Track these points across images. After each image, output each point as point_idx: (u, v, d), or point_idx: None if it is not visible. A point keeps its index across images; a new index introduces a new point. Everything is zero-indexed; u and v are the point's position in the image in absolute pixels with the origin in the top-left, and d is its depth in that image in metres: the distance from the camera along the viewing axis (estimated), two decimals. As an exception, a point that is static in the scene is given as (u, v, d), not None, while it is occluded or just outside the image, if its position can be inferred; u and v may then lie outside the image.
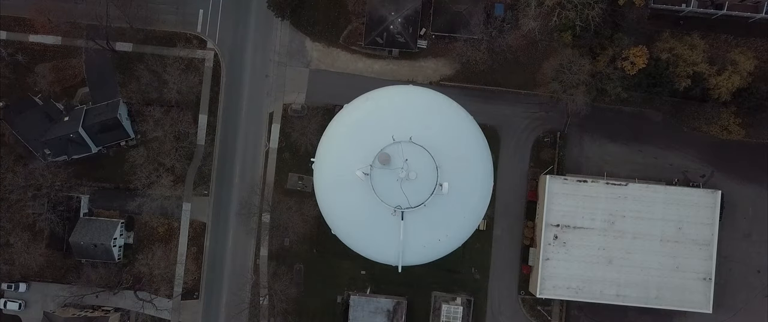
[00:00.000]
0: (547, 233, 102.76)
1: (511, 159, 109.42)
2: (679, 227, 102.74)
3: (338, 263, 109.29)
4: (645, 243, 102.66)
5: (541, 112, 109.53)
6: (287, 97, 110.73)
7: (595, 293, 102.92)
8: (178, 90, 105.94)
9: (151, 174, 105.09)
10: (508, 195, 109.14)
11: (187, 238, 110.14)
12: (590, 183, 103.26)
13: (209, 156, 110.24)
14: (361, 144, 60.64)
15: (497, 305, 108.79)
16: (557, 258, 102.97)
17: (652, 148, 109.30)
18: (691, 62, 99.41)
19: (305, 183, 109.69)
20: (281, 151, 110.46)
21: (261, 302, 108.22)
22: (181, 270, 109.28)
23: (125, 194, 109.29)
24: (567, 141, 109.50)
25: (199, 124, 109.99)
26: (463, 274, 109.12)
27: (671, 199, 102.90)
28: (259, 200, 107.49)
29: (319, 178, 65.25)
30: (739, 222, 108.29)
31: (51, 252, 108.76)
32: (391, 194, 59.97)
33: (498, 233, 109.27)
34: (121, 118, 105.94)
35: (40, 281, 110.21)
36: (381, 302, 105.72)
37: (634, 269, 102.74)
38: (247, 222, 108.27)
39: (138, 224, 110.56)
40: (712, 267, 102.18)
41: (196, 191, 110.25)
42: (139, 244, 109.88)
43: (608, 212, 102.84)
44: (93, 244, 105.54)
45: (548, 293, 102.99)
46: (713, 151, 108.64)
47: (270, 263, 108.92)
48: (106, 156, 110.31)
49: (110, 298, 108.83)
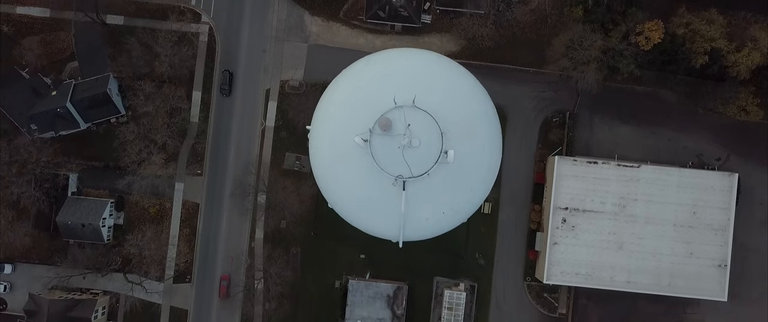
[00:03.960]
0: (554, 217, 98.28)
1: (518, 140, 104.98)
2: (693, 212, 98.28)
3: (336, 247, 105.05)
4: (657, 228, 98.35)
5: (549, 92, 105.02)
6: (285, 73, 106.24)
7: (604, 279, 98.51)
8: (171, 64, 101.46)
9: (141, 151, 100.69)
10: (515, 177, 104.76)
11: (179, 219, 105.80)
12: (601, 165, 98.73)
13: (203, 134, 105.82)
14: (361, 109, 56.26)
15: (502, 291, 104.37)
16: (565, 243, 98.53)
17: (665, 131, 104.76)
18: (709, 38, 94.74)
19: (303, 163, 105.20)
20: (278, 129, 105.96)
21: (256, 286, 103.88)
22: (173, 252, 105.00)
23: (115, 173, 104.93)
24: (576, 122, 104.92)
25: (193, 101, 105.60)
26: (466, 259, 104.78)
27: (685, 182, 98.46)
28: (254, 180, 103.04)
29: (315, 146, 60.79)
30: (756, 208, 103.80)
31: (37, 232, 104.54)
32: (392, 163, 55.62)
33: (503, 217, 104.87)
34: (111, 93, 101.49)
35: (27, 263, 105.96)
36: (381, 287, 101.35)
37: (646, 255, 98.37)
38: (242, 203, 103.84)
39: (128, 204, 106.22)
40: (728, 253, 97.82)
41: (189, 170, 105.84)
42: (130, 225, 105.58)
43: (619, 195, 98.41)
44: (81, 224, 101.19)
45: (556, 279, 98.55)
46: (730, 133, 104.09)
47: (265, 245, 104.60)
48: (96, 133, 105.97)
49: (98, 280, 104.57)
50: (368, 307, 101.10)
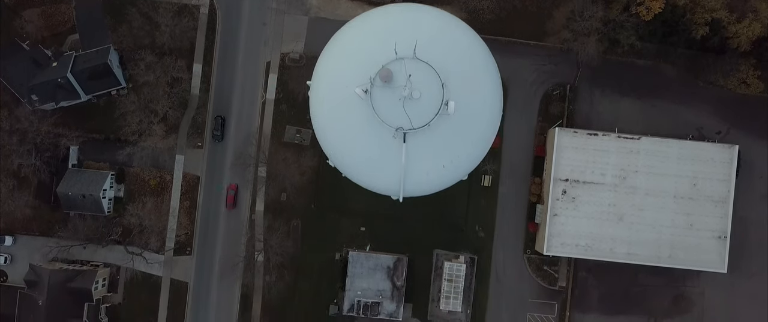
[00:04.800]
0: (555, 188, 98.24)
1: (519, 113, 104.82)
2: (693, 184, 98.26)
3: (337, 220, 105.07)
4: (658, 200, 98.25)
5: (550, 65, 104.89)
6: (285, 46, 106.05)
7: (604, 251, 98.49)
8: (171, 34, 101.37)
9: (142, 121, 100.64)
10: (515, 150, 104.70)
11: (179, 191, 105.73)
12: (601, 136, 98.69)
13: (203, 107, 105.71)
14: (361, 60, 56.19)
15: (502, 264, 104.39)
16: (565, 214, 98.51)
17: (665, 104, 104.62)
18: (710, 9, 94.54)
19: (303, 136, 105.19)
20: (278, 102, 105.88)
21: (256, 258, 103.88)
22: (173, 223, 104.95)
23: (116, 146, 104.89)
24: (577, 95, 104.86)
25: (194, 73, 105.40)
26: (466, 232, 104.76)
27: (686, 154, 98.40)
28: (255, 152, 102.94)
29: (316, 98, 60.71)
30: (756, 182, 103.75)
31: (38, 204, 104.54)
32: (392, 115, 55.54)
33: (503, 190, 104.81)
34: (112, 65, 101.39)
35: (27, 234, 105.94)
36: (381, 259, 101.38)
37: (646, 226, 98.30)
38: (242, 174, 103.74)
39: (129, 176, 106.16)
40: (728, 225, 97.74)
41: (189, 142, 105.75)
42: (130, 197, 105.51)
43: (620, 167, 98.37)
44: (82, 195, 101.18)
45: (556, 251, 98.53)
46: (730, 106, 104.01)
47: (266, 216, 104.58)
48: (96, 106, 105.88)
49: (98, 252, 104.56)
50: (368, 278, 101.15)
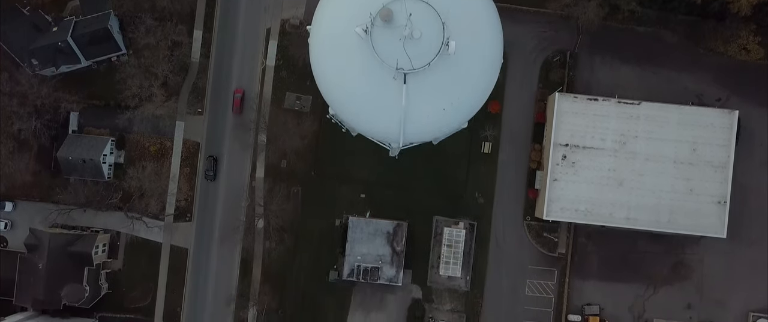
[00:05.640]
0: (555, 153, 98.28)
1: (519, 80, 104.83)
2: (693, 149, 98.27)
3: (337, 187, 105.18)
4: (657, 165, 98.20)
5: (550, 31, 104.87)
6: (285, 12, 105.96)
7: (604, 216, 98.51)
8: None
9: (142, 85, 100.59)
10: (515, 117, 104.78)
11: (180, 158, 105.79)
12: (601, 102, 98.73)
13: (203, 73, 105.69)
14: (361, 1, 56.18)
15: (501, 230, 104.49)
16: (565, 179, 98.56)
17: (665, 71, 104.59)
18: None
19: (303, 103, 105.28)
20: (278, 69, 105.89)
21: (256, 224, 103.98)
22: (173, 188, 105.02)
23: (116, 112, 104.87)
24: (577, 61, 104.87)
25: (194, 39, 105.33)
26: (466, 199, 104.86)
27: (686, 119, 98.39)
28: (255, 116, 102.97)
29: (315, 40, 60.73)
30: (756, 149, 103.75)
31: (38, 169, 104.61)
32: (392, 55, 55.55)
33: (503, 157, 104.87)
34: (112, 30, 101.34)
35: (27, 200, 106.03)
36: (381, 224, 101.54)
37: (646, 191, 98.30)
38: (243, 138, 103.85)
39: (129, 143, 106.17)
40: (728, 190, 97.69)
41: (189, 109, 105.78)
42: (130, 163, 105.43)
43: (619, 132, 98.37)
44: (82, 159, 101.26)
45: (555, 216, 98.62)
46: (730, 73, 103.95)
47: (266, 180, 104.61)
48: (96, 72, 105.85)
49: (98, 217, 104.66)
50: (368, 243, 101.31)
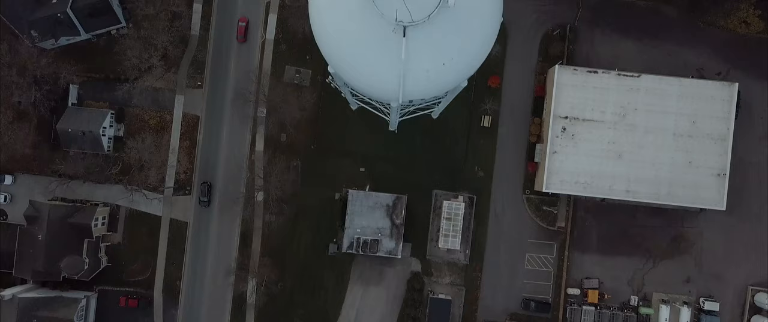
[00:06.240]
0: (554, 125, 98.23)
1: (519, 54, 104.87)
2: (693, 121, 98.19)
3: (336, 161, 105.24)
4: (657, 138, 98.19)
5: (550, 5, 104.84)
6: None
7: (604, 188, 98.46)
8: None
9: (142, 56, 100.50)
10: (515, 90, 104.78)
11: (179, 131, 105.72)
12: (601, 74, 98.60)
13: (203, 45, 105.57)
14: (361, -47, 56.00)
15: (501, 204, 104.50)
16: (565, 152, 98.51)
17: (666, 45, 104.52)
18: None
19: (302, 77, 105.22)
20: (278, 43, 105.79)
21: (256, 197, 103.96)
22: (173, 160, 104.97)
23: (115, 85, 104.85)
24: (577, 35, 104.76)
25: (194, 12, 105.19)
26: (465, 173, 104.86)
27: (686, 92, 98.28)
28: (255, 89, 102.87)
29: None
30: (756, 123, 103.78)
31: (38, 142, 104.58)
32: (391, 8, 55.23)
33: (503, 131, 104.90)
34: (112, 2, 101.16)
35: (27, 174, 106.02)
36: (380, 197, 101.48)
37: (645, 164, 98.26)
38: (242, 110, 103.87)
39: (128, 116, 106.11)
40: (727, 163, 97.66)
41: (189, 82, 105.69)
42: (130, 137, 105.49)
43: (619, 105, 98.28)
44: (81, 131, 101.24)
45: (555, 188, 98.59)
46: (730, 47, 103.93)
47: (266, 153, 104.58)
48: (96, 45, 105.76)
49: (98, 190, 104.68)
50: (368, 216, 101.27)
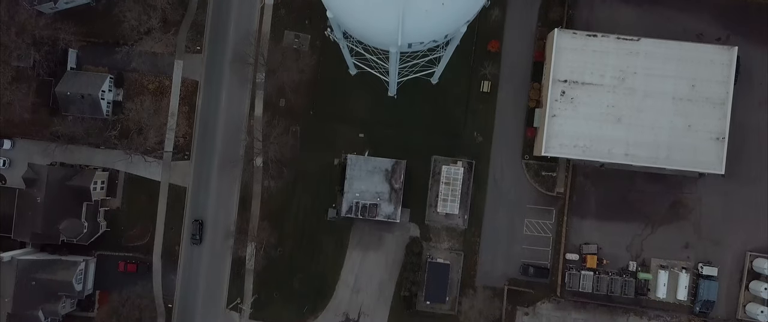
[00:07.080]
0: (553, 89, 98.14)
1: (518, 19, 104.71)
2: (692, 85, 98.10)
3: (335, 126, 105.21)
4: (656, 101, 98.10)
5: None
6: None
7: (603, 152, 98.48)
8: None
9: (141, 17, 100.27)
10: (515, 55, 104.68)
11: (178, 97, 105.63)
12: (600, 38, 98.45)
13: (203, 9, 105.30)
14: None
15: (500, 169, 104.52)
16: (564, 115, 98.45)
17: (665, 10, 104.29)
18: None
19: (301, 41, 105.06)
20: (277, 7, 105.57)
21: (254, 162, 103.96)
22: (172, 123, 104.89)
23: (114, 50, 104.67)
24: (577, 0, 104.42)
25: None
26: (464, 138, 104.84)
27: (685, 56, 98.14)
28: (254, 52, 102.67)
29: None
30: (756, 89, 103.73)
31: (37, 106, 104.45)
32: (392, -54, 55.36)
33: (502, 96, 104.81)
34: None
35: (26, 139, 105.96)
36: (379, 162, 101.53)
37: (645, 128, 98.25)
38: (241, 72, 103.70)
39: (128, 81, 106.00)
40: (726, 127, 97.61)
41: (188, 47, 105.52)
42: (129, 102, 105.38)
43: (619, 69, 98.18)
44: (80, 95, 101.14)
45: (554, 152, 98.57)
46: (730, 13, 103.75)
47: (265, 117, 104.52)
48: (95, 10, 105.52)
49: (97, 155, 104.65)
50: (367, 180, 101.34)
